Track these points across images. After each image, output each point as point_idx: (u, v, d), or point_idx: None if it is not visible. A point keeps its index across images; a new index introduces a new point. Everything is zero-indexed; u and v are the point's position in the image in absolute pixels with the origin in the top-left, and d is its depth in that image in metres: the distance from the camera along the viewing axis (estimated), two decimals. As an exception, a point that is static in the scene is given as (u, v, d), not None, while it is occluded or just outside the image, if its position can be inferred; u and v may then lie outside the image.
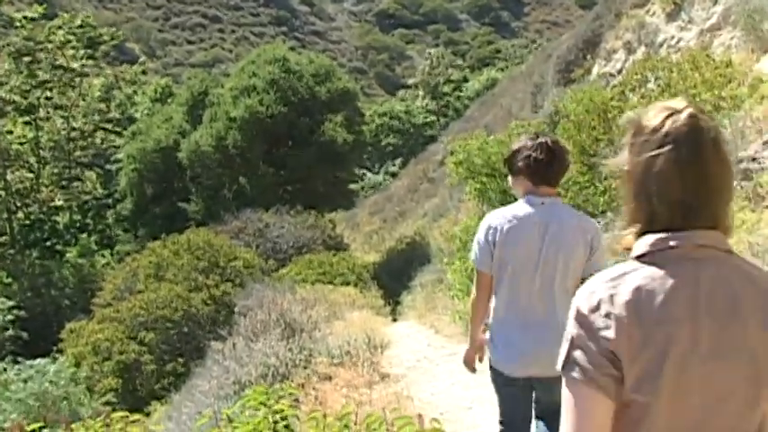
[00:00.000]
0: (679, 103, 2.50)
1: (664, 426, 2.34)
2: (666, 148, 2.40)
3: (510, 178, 5.59)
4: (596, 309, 2.37)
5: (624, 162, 2.54)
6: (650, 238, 2.43)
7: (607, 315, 2.34)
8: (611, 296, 2.36)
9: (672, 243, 2.40)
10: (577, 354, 2.37)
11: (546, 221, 5.13)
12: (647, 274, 2.38)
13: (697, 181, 2.39)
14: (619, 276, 2.41)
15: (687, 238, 2.39)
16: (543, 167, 5.24)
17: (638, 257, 2.44)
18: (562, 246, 5.11)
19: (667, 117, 2.45)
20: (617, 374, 2.32)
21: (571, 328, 2.42)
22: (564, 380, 2.41)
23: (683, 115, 2.44)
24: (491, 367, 5.50)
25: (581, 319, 2.40)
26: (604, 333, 2.33)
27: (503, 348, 5.35)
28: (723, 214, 2.45)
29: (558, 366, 2.43)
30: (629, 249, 2.50)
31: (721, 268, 2.40)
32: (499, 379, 5.47)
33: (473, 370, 5.80)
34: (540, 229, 5.14)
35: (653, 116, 2.48)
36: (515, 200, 5.54)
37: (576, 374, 2.36)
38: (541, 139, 5.32)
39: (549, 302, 5.13)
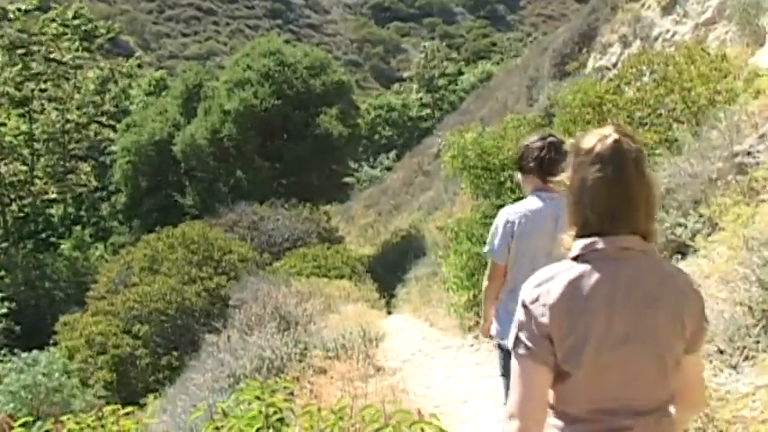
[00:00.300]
0: (608, 129, 3.07)
1: (586, 394, 2.93)
2: (595, 168, 2.96)
3: (520, 176, 6.15)
4: (536, 300, 2.95)
5: (567, 178, 3.11)
6: (581, 242, 2.99)
7: (543, 305, 2.92)
8: (548, 290, 2.94)
9: (598, 246, 2.95)
10: (522, 335, 2.97)
11: (556, 214, 5.53)
12: (578, 273, 2.94)
13: (621, 196, 2.95)
14: (555, 274, 2.98)
15: (611, 241, 2.95)
16: (553, 166, 5.70)
17: (573, 258, 3.00)
18: None
19: (598, 141, 3.02)
20: (552, 351, 2.91)
21: (518, 315, 3.01)
22: (513, 355, 3.01)
23: (609, 139, 3.00)
24: (500, 349, 6.04)
25: (525, 309, 2.98)
26: (541, 320, 2.92)
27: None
28: (644, 222, 3.00)
29: (509, 345, 3.06)
30: (568, 250, 3.03)
31: (639, 267, 2.96)
32: (507, 357, 5.68)
33: (491, 338, 6.34)
34: (550, 221, 5.62)
35: (588, 140, 3.06)
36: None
37: (521, 351, 2.97)
38: (550, 140, 5.87)
39: None
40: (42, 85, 50.06)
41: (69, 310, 29.90)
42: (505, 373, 5.82)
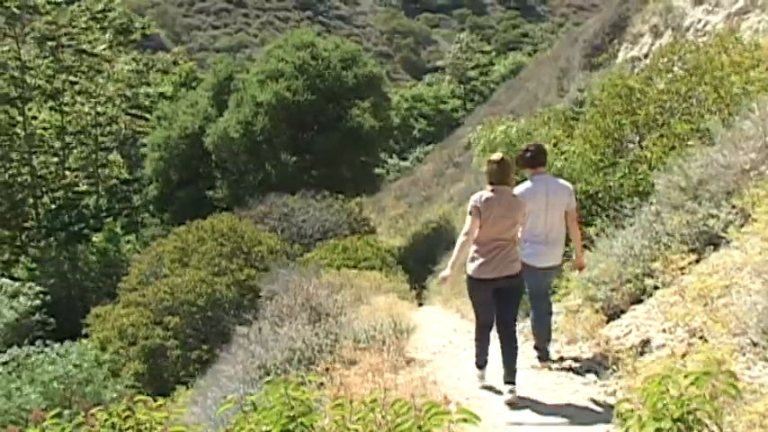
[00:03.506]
0: (499, 153, 9.77)
1: (486, 233, 8.99)
2: (495, 166, 9.11)
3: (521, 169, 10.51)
4: (477, 200, 9.07)
5: (486, 170, 9.41)
6: (490, 187, 9.09)
7: (479, 202, 9.03)
8: (480, 197, 9.08)
9: (496, 188, 9.05)
10: (472, 209, 9.03)
11: (546, 187, 9.89)
12: (489, 194, 9.04)
13: (503, 175, 9.09)
14: (484, 193, 9.10)
15: (499, 187, 9.06)
16: (534, 160, 10.04)
17: (490, 190, 9.06)
18: (556, 197, 9.85)
19: (495, 156, 9.33)
20: (480, 215, 8.98)
21: (471, 204, 9.09)
22: (467, 215, 9.09)
23: (500, 155, 9.29)
24: (525, 265, 9.51)
25: (473, 202, 9.09)
26: (477, 205, 9.01)
27: (532, 254, 9.85)
28: (511, 182, 9.18)
29: (467, 211, 9.15)
30: (486, 189, 9.11)
31: (507, 195, 9.11)
32: (529, 271, 9.65)
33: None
34: (544, 190, 9.83)
35: (492, 157, 9.35)
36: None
37: (471, 214, 9.02)
38: (530, 148, 10.17)
39: (554, 227, 9.87)
40: (73, 78, 50.27)
41: (101, 302, 30.06)
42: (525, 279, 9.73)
